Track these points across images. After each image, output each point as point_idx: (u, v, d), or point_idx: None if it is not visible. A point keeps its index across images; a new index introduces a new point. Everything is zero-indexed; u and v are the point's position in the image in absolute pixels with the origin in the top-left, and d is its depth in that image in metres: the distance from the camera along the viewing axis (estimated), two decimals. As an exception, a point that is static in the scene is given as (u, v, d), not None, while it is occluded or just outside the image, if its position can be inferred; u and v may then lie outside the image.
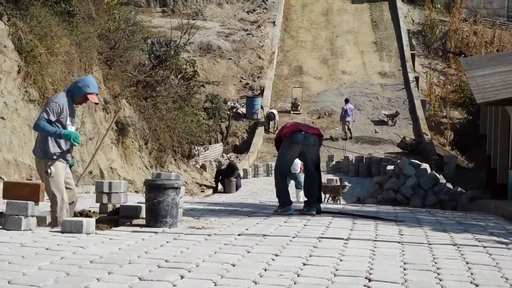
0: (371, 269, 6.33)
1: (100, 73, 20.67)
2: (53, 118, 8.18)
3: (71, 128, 8.37)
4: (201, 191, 25.00)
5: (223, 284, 5.51)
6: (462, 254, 7.41)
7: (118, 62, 22.40)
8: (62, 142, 8.30)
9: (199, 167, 29.11)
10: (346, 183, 21.12)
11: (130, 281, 5.48)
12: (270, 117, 35.85)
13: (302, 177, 19.57)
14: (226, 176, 25.12)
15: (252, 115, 36.77)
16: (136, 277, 5.64)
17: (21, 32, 15.99)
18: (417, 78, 40.93)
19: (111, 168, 19.45)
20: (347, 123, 34.99)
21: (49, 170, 8.24)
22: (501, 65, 24.30)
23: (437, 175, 20.54)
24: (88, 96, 8.42)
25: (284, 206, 10.97)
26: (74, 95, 8.40)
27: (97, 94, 8.57)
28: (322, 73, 42.27)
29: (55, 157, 8.27)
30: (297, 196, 20.06)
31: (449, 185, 20.90)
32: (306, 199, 11.34)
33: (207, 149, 31.16)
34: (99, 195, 9.40)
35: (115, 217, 8.94)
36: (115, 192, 9.39)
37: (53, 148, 8.26)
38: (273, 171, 29.63)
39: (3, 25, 15.78)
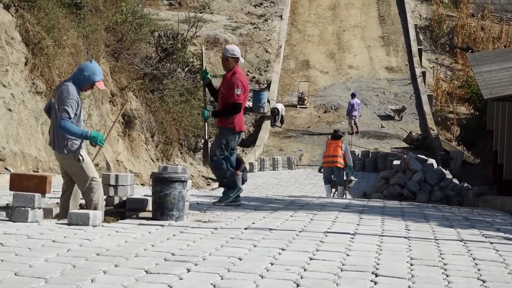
0: (378, 264, 6.32)
1: (107, 65, 20.67)
2: (73, 115, 8.10)
3: (82, 116, 8.38)
4: (207, 185, 25.01)
5: (229, 278, 5.51)
6: (469, 250, 7.39)
7: (125, 54, 22.39)
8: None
9: (205, 160, 29.08)
10: (352, 177, 21.10)
11: (137, 274, 5.48)
12: (273, 112, 35.75)
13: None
14: (232, 170, 25.08)
15: (258, 109, 36.68)
16: (142, 270, 5.64)
17: (28, 24, 15.97)
18: (424, 73, 40.84)
19: (117, 160, 19.47)
20: (353, 117, 34.95)
21: (80, 157, 8.24)
22: (509, 61, 24.25)
23: (444, 170, 20.52)
24: (96, 84, 8.37)
25: (238, 191, 10.75)
26: (82, 84, 8.31)
27: (102, 80, 8.52)
28: (329, 67, 42.21)
29: (78, 146, 8.24)
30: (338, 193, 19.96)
31: (455, 181, 20.89)
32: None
33: (213, 142, 31.10)
34: (106, 188, 9.38)
35: (121, 210, 8.95)
36: (122, 185, 9.39)
37: (73, 140, 8.20)
38: (279, 165, 29.90)
39: (11, 16, 15.77)
